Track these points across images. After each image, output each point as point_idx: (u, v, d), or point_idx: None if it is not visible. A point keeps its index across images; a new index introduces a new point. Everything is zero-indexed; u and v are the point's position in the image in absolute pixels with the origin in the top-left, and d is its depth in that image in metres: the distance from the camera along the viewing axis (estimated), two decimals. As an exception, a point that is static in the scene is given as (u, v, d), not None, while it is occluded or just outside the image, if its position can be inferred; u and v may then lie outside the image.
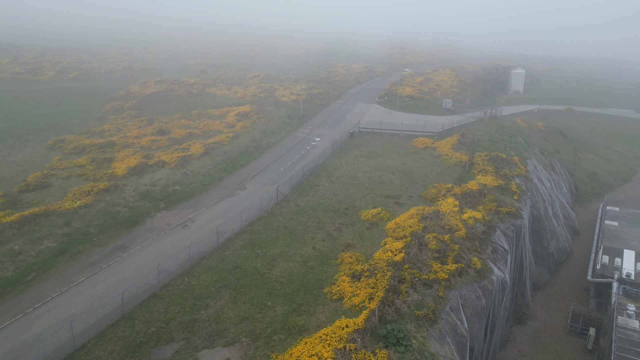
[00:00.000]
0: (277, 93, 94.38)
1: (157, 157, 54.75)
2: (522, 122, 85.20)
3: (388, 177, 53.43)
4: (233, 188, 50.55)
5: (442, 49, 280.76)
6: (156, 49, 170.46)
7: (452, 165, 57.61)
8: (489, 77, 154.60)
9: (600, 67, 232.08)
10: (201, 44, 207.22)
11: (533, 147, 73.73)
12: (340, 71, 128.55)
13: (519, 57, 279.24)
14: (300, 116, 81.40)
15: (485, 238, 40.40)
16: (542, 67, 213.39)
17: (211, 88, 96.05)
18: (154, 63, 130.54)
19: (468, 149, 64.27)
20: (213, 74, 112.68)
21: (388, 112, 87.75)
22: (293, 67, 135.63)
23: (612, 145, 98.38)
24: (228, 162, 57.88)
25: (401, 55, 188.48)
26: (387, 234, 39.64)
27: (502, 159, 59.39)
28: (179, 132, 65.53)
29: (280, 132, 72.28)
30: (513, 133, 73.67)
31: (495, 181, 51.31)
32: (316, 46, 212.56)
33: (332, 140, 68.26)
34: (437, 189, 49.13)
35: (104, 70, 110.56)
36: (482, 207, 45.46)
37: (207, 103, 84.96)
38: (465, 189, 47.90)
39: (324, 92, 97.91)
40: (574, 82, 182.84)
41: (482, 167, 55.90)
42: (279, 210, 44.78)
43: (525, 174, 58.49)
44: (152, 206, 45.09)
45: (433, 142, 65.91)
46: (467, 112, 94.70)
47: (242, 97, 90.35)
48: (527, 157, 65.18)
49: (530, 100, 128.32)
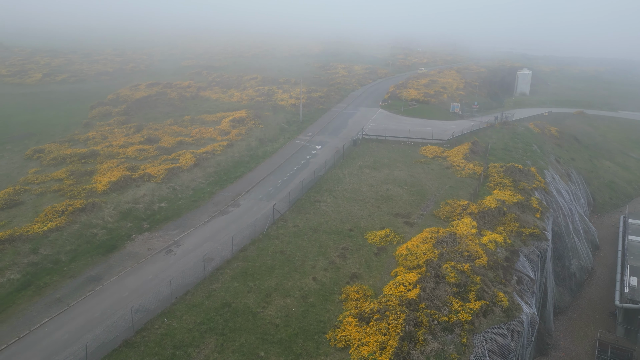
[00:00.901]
0: (276, 96, 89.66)
1: (143, 170, 50.03)
2: (535, 127, 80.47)
3: (396, 191, 48.70)
4: (225, 204, 45.84)
5: (444, 49, 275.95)
6: (151, 50, 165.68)
7: (465, 177, 52.85)
8: (495, 78, 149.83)
9: (607, 68, 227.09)
10: (199, 44, 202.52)
11: (549, 155, 69.02)
12: (341, 73, 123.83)
13: (521, 57, 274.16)
14: (299, 122, 76.69)
15: (509, 266, 35.67)
16: (547, 67, 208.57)
17: (206, 91, 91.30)
18: (147, 64, 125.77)
19: (481, 159, 59.54)
20: (209, 76, 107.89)
21: (393, 117, 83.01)
22: (292, 68, 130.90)
23: (627, 151, 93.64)
24: (221, 174, 53.14)
25: (404, 56, 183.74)
26: (398, 262, 34.92)
27: (518, 170, 54.68)
28: (169, 140, 60.81)
29: (278, 139, 67.56)
30: (527, 140, 68.94)
31: (514, 197, 46.58)
32: (316, 46, 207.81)
33: (333, 149, 63.55)
34: (451, 206, 44.39)
35: (93, 73, 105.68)
36: (502, 228, 40.72)
37: (201, 108, 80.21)
38: (483, 206, 43.16)
39: (325, 96, 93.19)
40: (581, 83, 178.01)
41: (498, 180, 51.17)
42: (276, 231, 40.07)
43: (544, 186, 53.78)
44: (133, 227, 40.36)
45: (443, 151, 61.17)
46: (476, 116, 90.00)
47: (238, 101, 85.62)
48: (544, 167, 60.46)
49: (538, 102, 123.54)
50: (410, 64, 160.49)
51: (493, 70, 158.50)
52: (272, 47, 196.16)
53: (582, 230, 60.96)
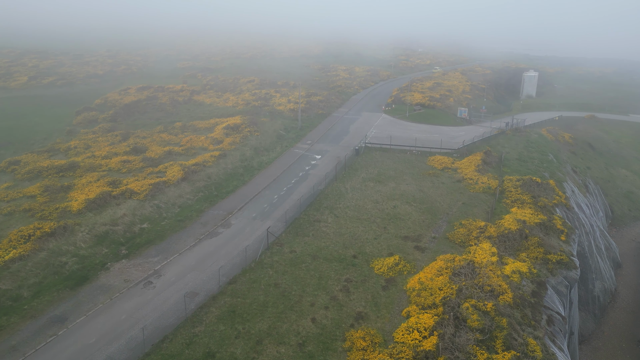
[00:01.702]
0: (273, 101, 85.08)
1: (125, 185, 45.47)
2: (548, 133, 75.88)
3: (404, 209, 44.12)
4: (215, 224, 41.27)
5: (445, 49, 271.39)
6: (147, 51, 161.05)
7: (479, 192, 48.25)
8: (501, 80, 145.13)
9: (613, 69, 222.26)
10: (197, 44, 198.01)
11: (565, 165, 64.44)
12: (342, 75, 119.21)
13: (523, 57, 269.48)
14: (298, 128, 72.11)
15: (537, 302, 31.07)
16: (551, 69, 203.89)
17: (200, 95, 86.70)
18: (140, 66, 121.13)
19: (495, 171, 54.96)
20: (203, 79, 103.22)
21: (397, 123, 78.43)
22: (291, 70, 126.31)
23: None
24: (211, 188, 48.55)
25: (405, 57, 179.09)
26: (410, 298, 30.36)
27: (536, 183, 50.09)
28: (157, 150, 56.24)
29: (275, 148, 62.99)
30: (542, 149, 64.36)
31: (535, 216, 41.98)
32: (316, 47, 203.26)
33: (334, 159, 59.01)
34: (466, 227, 39.80)
35: (82, 75, 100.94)
36: (525, 255, 36.13)
37: (194, 113, 75.64)
38: (502, 228, 38.56)
39: (325, 100, 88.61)
40: (587, 84, 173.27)
41: (515, 196, 46.56)
42: (270, 258, 35.49)
43: (565, 202, 49.18)
44: (110, 253, 35.80)
45: (453, 162, 56.58)
46: (484, 121, 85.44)
47: (233, 105, 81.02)
48: (562, 179, 55.88)
49: (547, 106, 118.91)
50: (413, 65, 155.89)
51: (498, 72, 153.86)
52: (271, 47, 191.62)
53: (604, 248, 56.41)
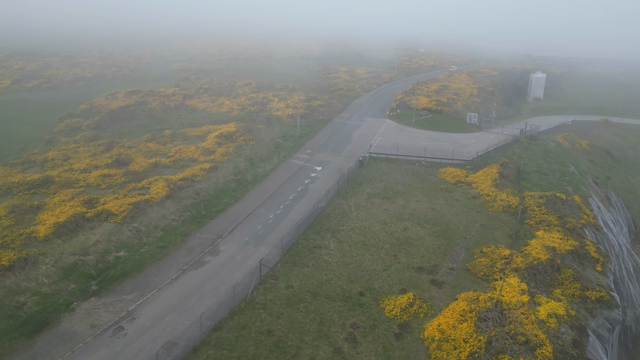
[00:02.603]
0: (271, 105, 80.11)
1: (102, 204, 40.51)
2: (565, 141, 70.94)
3: (415, 231, 39.16)
4: (201, 251, 36.32)
5: (446, 49, 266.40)
6: (141, 52, 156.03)
7: (498, 211, 43.27)
8: (507, 82, 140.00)
9: (620, 70, 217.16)
10: (194, 45, 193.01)
11: (586, 176, 59.49)
12: (343, 77, 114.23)
13: (526, 57, 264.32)
14: (297, 136, 67.13)
15: (580, 355, 26.09)
16: (558, 69, 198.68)
17: (192, 100, 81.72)
18: (133, 68, 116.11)
19: (513, 185, 49.98)
20: (197, 82, 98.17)
21: (403, 130, 73.44)
22: (290, 72, 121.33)
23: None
24: (200, 207, 43.56)
25: (408, 58, 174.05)
26: (429, 352, 25.41)
27: (561, 201, 45.11)
28: (142, 162, 51.26)
29: (272, 158, 58.00)
30: (562, 159, 59.37)
31: (565, 241, 37.00)
32: (316, 47, 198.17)
33: (336, 170, 54.06)
34: (488, 257, 34.82)
35: (69, 78, 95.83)
36: (560, 292, 31.16)
37: (185, 120, 70.67)
38: (530, 259, 33.56)
39: (326, 104, 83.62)
40: (595, 86, 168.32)
41: (540, 216, 41.56)
42: (263, 296, 30.54)
43: (593, 221, 44.25)
44: (77, 290, 30.84)
45: (467, 175, 51.59)
46: (495, 127, 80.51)
47: (228, 111, 76.04)
48: (587, 195, 50.92)
49: (557, 109, 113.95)
50: (416, 67, 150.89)
51: (505, 73, 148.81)
52: (270, 48, 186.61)
53: (632, 269, 51.39)
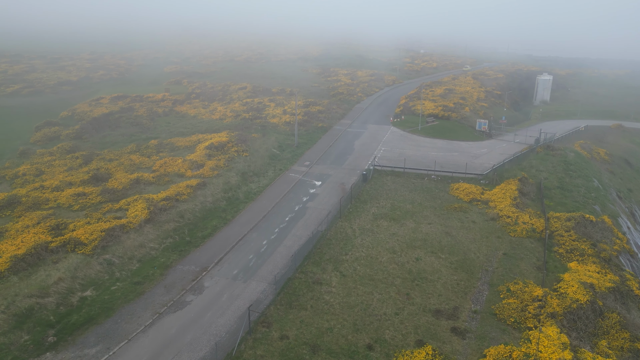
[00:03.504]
0: (267, 112, 75.08)
1: (72, 230, 35.45)
2: (582, 150, 66.00)
3: (429, 262, 34.17)
4: (182, 288, 31.29)
5: (446, 50, 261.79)
6: (133, 53, 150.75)
7: (522, 237, 38.27)
8: (514, 84, 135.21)
9: (626, 72, 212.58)
10: (189, 46, 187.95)
11: (609, 190, 54.59)
12: (343, 80, 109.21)
13: (527, 58, 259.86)
14: (294, 145, 62.10)
15: None
16: (562, 71, 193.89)
17: (183, 106, 76.61)
18: (122, 71, 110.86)
19: (535, 205, 44.99)
20: (189, 86, 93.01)
21: (408, 138, 68.44)
22: (288, 75, 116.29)
23: (683, 174, 79.10)
24: (183, 232, 38.51)
25: (410, 59, 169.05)
26: None
27: (591, 223, 40.16)
28: (122, 178, 46.16)
29: (267, 172, 52.99)
30: (584, 172, 54.41)
31: (604, 276, 32.01)
32: (315, 49, 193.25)
33: (338, 186, 49.09)
34: (517, 297, 29.82)
35: (53, 83, 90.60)
36: (606, 343, 26.18)
37: (174, 128, 65.56)
38: (568, 301, 28.55)
39: (325, 110, 78.61)
40: (602, 88, 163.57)
41: (570, 243, 36.54)
42: (252, 351, 25.53)
43: (628, 247, 39.28)
44: (31, 342, 25.81)
45: (482, 192, 46.58)
46: (505, 134, 75.65)
47: (220, 118, 70.95)
48: (616, 214, 46.03)
49: (567, 113, 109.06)
50: (419, 69, 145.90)
51: (511, 75, 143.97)
52: (267, 49, 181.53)
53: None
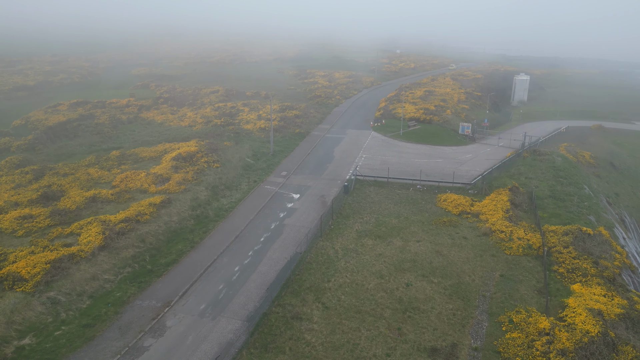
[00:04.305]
0: (240, 117, 70.79)
1: (11, 263, 30.64)
2: (568, 153, 64.11)
3: (421, 288, 30.75)
4: (140, 330, 27.01)
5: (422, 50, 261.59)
6: (100, 55, 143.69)
7: (518, 255, 35.26)
8: (492, 85, 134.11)
9: (600, 71, 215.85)
10: (160, 47, 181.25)
11: (600, 197, 52.44)
12: (321, 82, 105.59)
13: (502, 58, 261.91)
14: (270, 154, 58.09)
15: None
16: (538, 71, 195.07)
17: (150, 111, 71.62)
18: (85, 74, 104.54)
19: (529, 217, 42.20)
20: (157, 90, 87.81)
21: (390, 144, 65.24)
22: (263, 77, 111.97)
23: (664, 175, 78.39)
24: (144, 259, 34.11)
25: (387, 60, 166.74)
26: None
27: (589, 237, 37.51)
28: (76, 196, 41.35)
29: (240, 184, 48.84)
30: (575, 179, 52.13)
31: (610, 300, 29.15)
32: (291, 49, 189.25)
33: (317, 199, 45.38)
34: (521, 329, 26.60)
35: (7, 88, 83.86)
36: (624, 385, 23.13)
37: (139, 136, 60.67)
38: (578, 334, 25.47)
39: (303, 114, 74.81)
40: (577, 88, 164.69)
41: (570, 262, 33.68)
42: (221, 411, 21.51)
43: (628, 262, 36.75)
44: (-52, 412, 21.18)
45: (472, 203, 43.56)
46: (488, 137, 73.28)
47: (190, 124, 66.33)
48: (611, 224, 43.62)
49: (547, 114, 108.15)
50: (397, 70, 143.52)
51: (489, 76, 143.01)
52: (242, 50, 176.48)
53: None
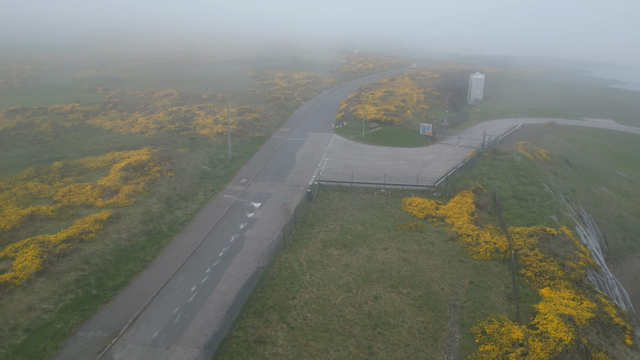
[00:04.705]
0: (196, 121, 67.61)
1: None
2: (526, 152, 65.12)
3: (390, 301, 29.39)
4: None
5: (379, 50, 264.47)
6: (43, 57, 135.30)
7: (486, 259, 34.60)
8: (449, 84, 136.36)
9: (548, 69, 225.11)
10: (109, 48, 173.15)
11: (558, 195, 53.21)
12: (280, 84, 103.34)
13: (456, 57, 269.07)
14: (228, 160, 55.49)
15: None
16: (492, 69, 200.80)
17: (97, 118, 67.18)
18: (26, 78, 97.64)
19: (494, 219, 41.86)
20: (106, 94, 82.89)
21: (352, 146, 64.02)
22: (220, 79, 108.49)
23: (614, 170, 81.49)
24: (89, 283, 30.97)
25: (346, 60, 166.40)
26: None
27: (553, 237, 37.50)
28: (12, 214, 37.45)
29: (197, 194, 46.06)
30: (534, 177, 52.62)
31: (579, 304, 28.83)
32: (249, 50, 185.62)
33: (280, 207, 43.36)
34: (494, 341, 25.66)
35: None
36: (600, 394, 22.55)
37: (85, 145, 56.51)
38: (552, 344, 24.78)
39: (262, 117, 72.43)
40: (529, 86, 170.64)
41: (537, 265, 33.29)
42: None
43: (592, 261, 36.92)
44: None
45: (437, 207, 42.81)
46: (449, 137, 73.59)
47: (141, 131, 62.60)
48: (572, 223, 44.02)
49: (502, 112, 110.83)
50: (356, 70, 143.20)
51: (446, 75, 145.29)
52: (197, 51, 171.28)
53: (622, 302, 45.18)
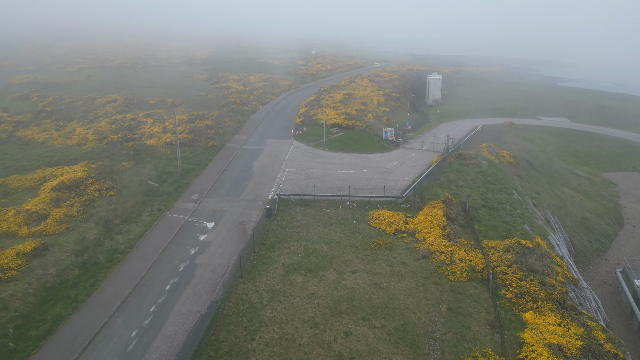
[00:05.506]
0: (142, 130, 61.93)
1: None
2: (490, 155, 63.82)
3: (363, 337, 25.95)
4: None
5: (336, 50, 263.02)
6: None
7: (462, 280, 31.81)
8: (407, 85, 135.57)
9: (502, 68, 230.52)
10: (49, 50, 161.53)
11: (527, 200, 51.82)
12: (235, 87, 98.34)
13: (411, 57, 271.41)
14: (178, 173, 50.50)
15: None
16: (448, 69, 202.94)
17: (29, 128, 60.21)
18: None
19: (466, 232, 39.34)
20: (40, 101, 75.26)
21: (314, 154, 60.40)
22: (170, 83, 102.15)
23: (573, 169, 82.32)
24: (6, 335, 25.67)
25: (304, 61, 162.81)
26: None
27: (529, 250, 35.36)
28: None
29: (141, 215, 41.00)
30: (502, 184, 50.88)
31: (566, 330, 26.46)
32: (201, 52, 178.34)
33: (235, 226, 39.13)
34: (483, 384, 22.72)
35: None
36: None
37: (12, 161, 49.90)
38: (546, 382, 22.10)
39: (216, 124, 67.52)
40: (484, 85, 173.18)
41: (517, 284, 30.82)
42: None
43: (570, 275, 35.04)
44: None
45: (406, 220, 39.88)
46: (412, 141, 71.45)
47: (79, 143, 56.38)
48: (545, 232, 42.36)
49: (461, 113, 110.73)
50: (314, 72, 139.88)
51: (404, 76, 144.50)
52: (145, 53, 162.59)
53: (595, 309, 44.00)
